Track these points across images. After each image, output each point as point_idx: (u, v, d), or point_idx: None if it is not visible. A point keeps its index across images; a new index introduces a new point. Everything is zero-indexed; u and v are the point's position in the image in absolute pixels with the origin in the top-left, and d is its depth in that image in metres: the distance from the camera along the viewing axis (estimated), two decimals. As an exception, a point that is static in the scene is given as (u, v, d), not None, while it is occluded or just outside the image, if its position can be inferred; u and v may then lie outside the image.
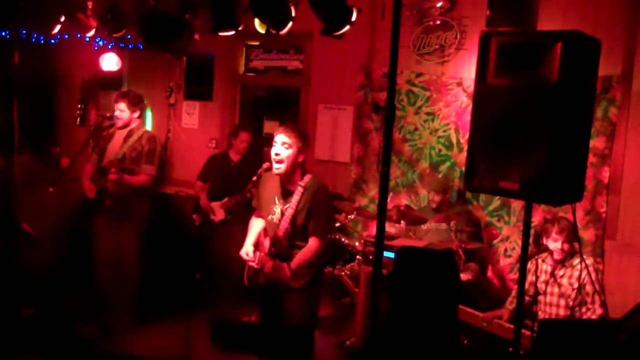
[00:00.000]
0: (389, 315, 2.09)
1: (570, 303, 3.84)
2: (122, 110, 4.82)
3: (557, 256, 3.91)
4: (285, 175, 3.58)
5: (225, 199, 5.46)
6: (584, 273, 3.82)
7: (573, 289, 3.87)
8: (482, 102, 2.51)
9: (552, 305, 3.94)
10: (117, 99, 4.88)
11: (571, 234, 3.90)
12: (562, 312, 3.91)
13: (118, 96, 4.91)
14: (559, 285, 3.92)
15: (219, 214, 5.51)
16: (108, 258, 4.87)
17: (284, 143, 3.52)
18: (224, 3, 4.33)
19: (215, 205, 5.54)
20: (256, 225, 3.84)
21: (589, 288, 3.84)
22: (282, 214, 3.61)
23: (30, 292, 4.64)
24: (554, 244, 3.90)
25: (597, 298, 3.83)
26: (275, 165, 3.54)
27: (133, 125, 4.87)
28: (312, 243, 3.60)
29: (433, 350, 2.02)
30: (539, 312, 4.01)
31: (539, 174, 2.33)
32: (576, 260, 3.93)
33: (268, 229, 3.73)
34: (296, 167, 3.59)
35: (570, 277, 3.91)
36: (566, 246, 3.89)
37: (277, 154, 3.52)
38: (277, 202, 3.65)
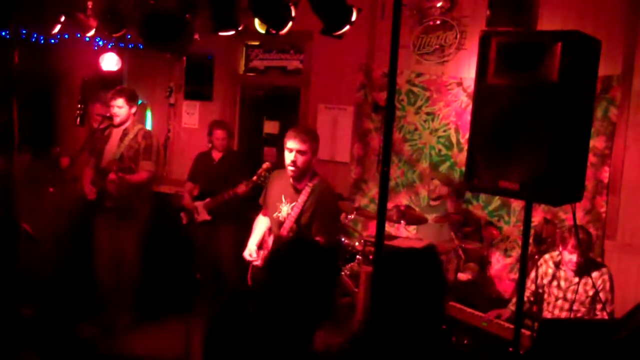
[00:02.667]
0: (380, 317, 2.09)
1: (583, 309, 3.82)
2: (120, 107, 4.79)
3: (571, 267, 3.89)
4: (297, 176, 3.61)
5: (207, 200, 5.30)
6: (594, 283, 3.81)
7: (587, 297, 3.85)
8: (482, 102, 2.51)
9: (562, 310, 3.92)
10: (114, 96, 4.82)
11: (587, 249, 3.89)
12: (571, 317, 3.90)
13: (114, 93, 4.84)
14: (573, 292, 3.90)
15: (202, 214, 5.35)
16: (109, 258, 4.87)
17: (299, 151, 3.53)
18: (224, 3, 4.33)
19: (198, 204, 5.38)
20: (261, 225, 3.86)
21: (601, 297, 3.82)
22: (288, 212, 3.63)
23: (31, 292, 4.64)
24: (570, 256, 3.87)
25: (607, 308, 3.81)
26: (290, 168, 3.57)
27: (128, 123, 4.85)
28: None
29: (426, 346, 2.02)
30: (546, 313, 3.99)
31: (539, 173, 2.33)
32: (593, 270, 3.91)
33: (274, 227, 3.74)
34: (309, 168, 3.63)
35: (586, 284, 3.89)
36: (581, 260, 3.86)
37: (293, 162, 3.53)
38: (284, 200, 3.66)
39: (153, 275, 5.23)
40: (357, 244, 5.06)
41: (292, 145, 3.53)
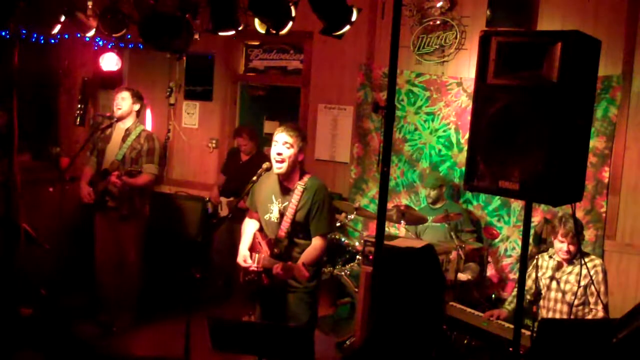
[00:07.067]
0: (378, 318, 2.08)
1: (575, 301, 3.83)
2: (123, 99, 4.81)
3: (562, 255, 3.90)
4: (285, 175, 3.58)
5: (232, 198, 5.58)
6: (589, 272, 3.81)
7: (579, 287, 3.85)
8: (482, 102, 2.51)
9: (556, 301, 3.93)
10: (121, 89, 4.93)
11: (579, 236, 3.89)
12: (565, 309, 3.89)
13: (121, 88, 4.98)
14: (565, 282, 3.90)
15: (224, 210, 5.67)
16: (109, 258, 4.87)
17: (285, 142, 3.52)
18: (224, 3, 4.33)
19: (223, 200, 5.72)
20: (249, 228, 3.82)
21: (594, 289, 3.82)
22: (281, 213, 3.60)
23: (31, 291, 4.64)
24: (560, 244, 3.88)
25: (600, 300, 3.81)
26: (276, 165, 3.54)
27: (130, 123, 4.85)
28: (317, 242, 3.60)
29: (425, 345, 2.02)
30: (542, 309, 4.00)
31: (539, 173, 2.33)
32: (584, 259, 3.91)
33: (266, 229, 3.71)
34: (296, 166, 3.60)
35: (578, 274, 3.88)
36: (572, 247, 3.86)
37: (279, 154, 3.52)
38: (274, 200, 3.63)
39: (154, 275, 5.23)
40: (357, 244, 5.06)
41: (278, 138, 3.54)
